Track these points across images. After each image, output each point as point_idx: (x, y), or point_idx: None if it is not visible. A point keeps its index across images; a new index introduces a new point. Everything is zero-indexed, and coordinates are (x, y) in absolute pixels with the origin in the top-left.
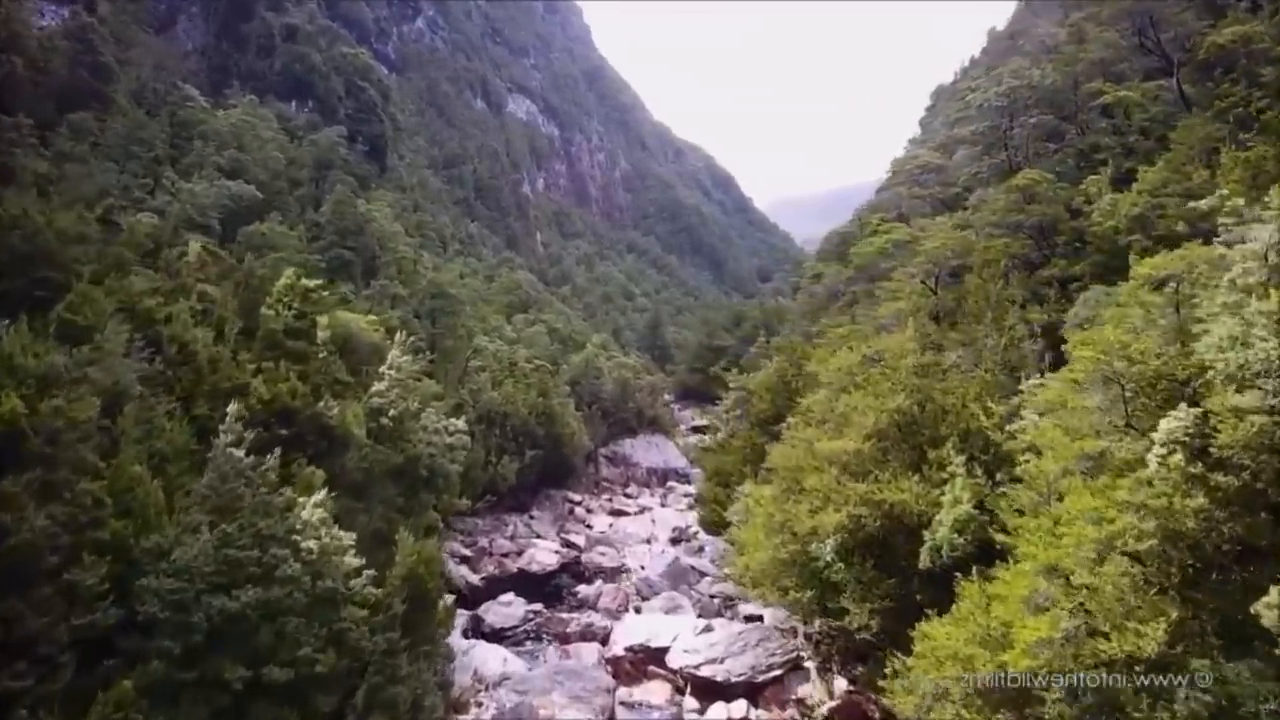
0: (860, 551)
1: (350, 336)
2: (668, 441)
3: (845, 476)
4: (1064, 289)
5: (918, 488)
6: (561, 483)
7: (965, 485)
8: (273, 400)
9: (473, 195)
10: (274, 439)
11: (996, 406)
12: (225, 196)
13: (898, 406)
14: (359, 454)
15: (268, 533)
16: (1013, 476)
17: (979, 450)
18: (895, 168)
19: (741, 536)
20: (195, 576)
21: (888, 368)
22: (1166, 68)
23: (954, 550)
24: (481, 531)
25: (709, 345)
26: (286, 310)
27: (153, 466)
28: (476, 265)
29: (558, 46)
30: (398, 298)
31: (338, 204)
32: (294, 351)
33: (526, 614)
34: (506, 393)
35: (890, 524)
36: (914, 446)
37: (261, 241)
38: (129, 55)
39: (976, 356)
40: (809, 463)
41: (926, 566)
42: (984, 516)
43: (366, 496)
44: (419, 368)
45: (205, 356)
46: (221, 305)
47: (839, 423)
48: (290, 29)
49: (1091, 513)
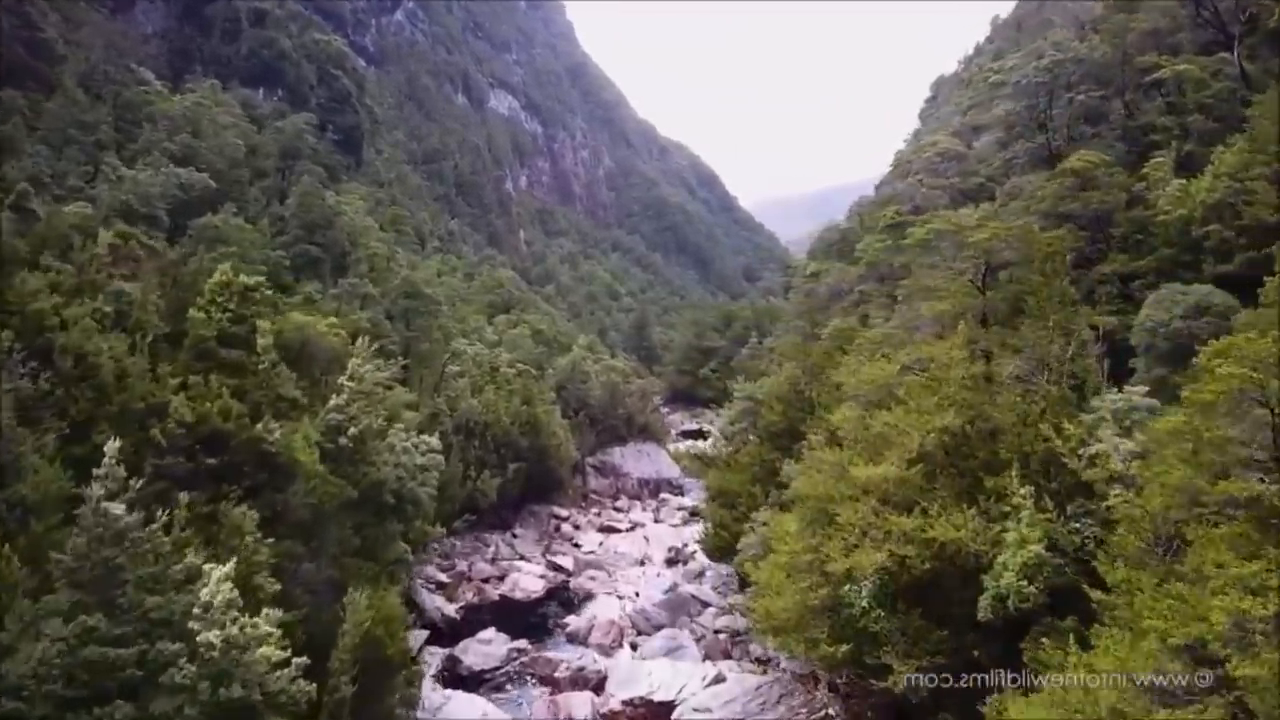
0: (905, 597)
1: (306, 342)
2: (659, 450)
3: (885, 508)
4: (1124, 287)
5: (973, 522)
6: (547, 497)
7: (1033, 520)
8: (199, 422)
9: (453, 191)
10: (197, 471)
11: (1073, 427)
12: (174, 185)
13: (945, 425)
14: (307, 486)
15: (157, 616)
16: (1085, 510)
17: (1045, 477)
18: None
19: (760, 576)
20: (35, 697)
21: (932, 379)
22: (1224, 41)
23: (1023, 600)
24: (460, 553)
25: (698, 346)
26: (220, 313)
27: (13, 522)
28: (456, 263)
29: (540, 42)
30: (368, 297)
31: (304, 196)
32: (229, 362)
33: (509, 653)
34: (487, 400)
35: (941, 565)
36: (965, 473)
37: (214, 235)
38: (78, 36)
39: (1038, 366)
40: (841, 491)
41: (987, 618)
42: (1057, 559)
43: (316, 537)
44: (389, 375)
45: (111, 370)
46: (140, 306)
47: (875, 444)
48: (258, 13)
49: (1249, 578)
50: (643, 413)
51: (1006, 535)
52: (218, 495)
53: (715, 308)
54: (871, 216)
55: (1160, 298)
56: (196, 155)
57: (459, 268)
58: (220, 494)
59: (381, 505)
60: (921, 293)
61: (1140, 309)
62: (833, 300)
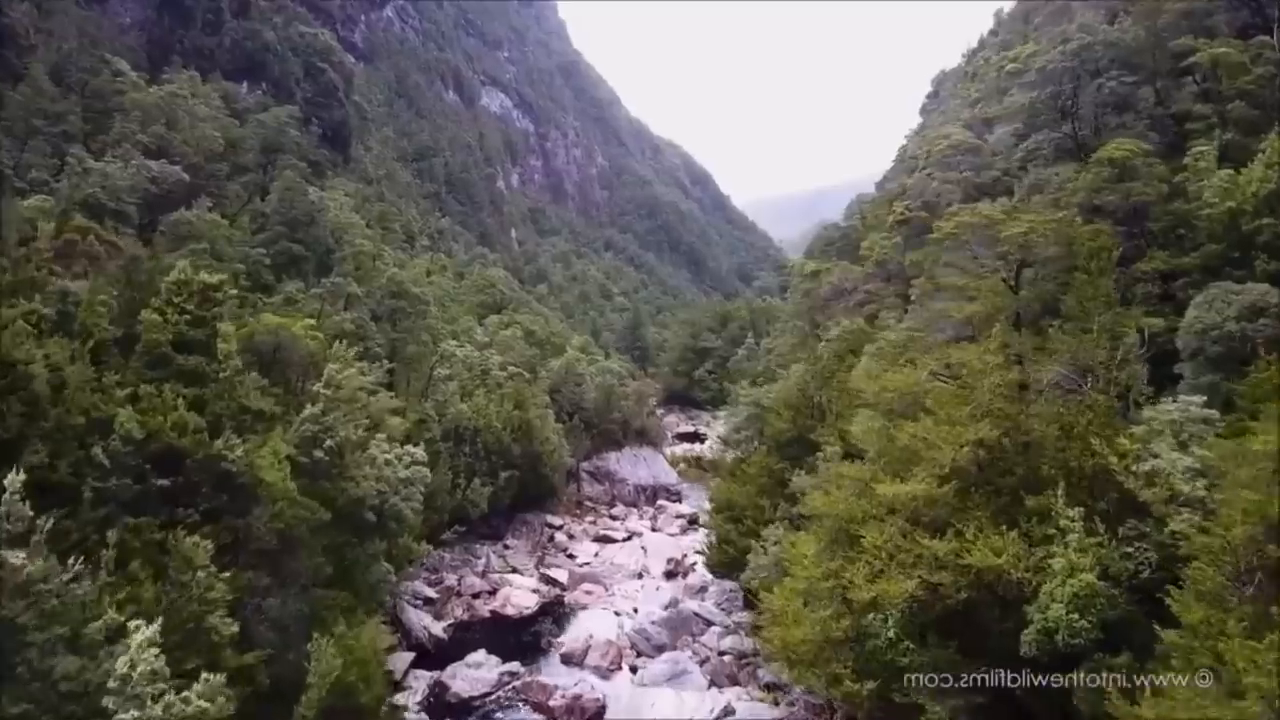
0: (937, 628)
1: (280, 346)
2: (657, 455)
3: (915, 529)
4: (1165, 286)
5: (1015, 546)
6: (540, 505)
7: (1084, 545)
8: (149, 439)
9: (444, 189)
10: (147, 494)
11: (1128, 442)
12: (145, 178)
13: (980, 438)
14: (273, 508)
15: (67, 689)
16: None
17: (1092, 495)
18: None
19: (775, 602)
20: None
21: (964, 387)
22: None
23: (1074, 635)
24: (449, 566)
25: (693, 347)
26: (178, 314)
27: None
28: (446, 262)
29: (532, 40)
30: (352, 297)
31: (285, 191)
32: (186, 370)
33: (501, 677)
34: (478, 405)
35: (978, 594)
36: (1003, 490)
37: (187, 231)
38: (50, 25)
39: (1081, 373)
40: (864, 510)
41: (1031, 655)
42: (1111, 589)
43: (284, 565)
44: (373, 379)
45: (47, 380)
46: (87, 308)
47: (901, 458)
48: (242, 4)
49: None
50: (639, 416)
51: (1052, 561)
52: (171, 521)
53: (710, 307)
54: (875, 214)
55: (1209, 297)
56: (170, 147)
57: (449, 266)
58: (174, 519)
59: (361, 523)
60: (948, 291)
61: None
62: (834, 300)
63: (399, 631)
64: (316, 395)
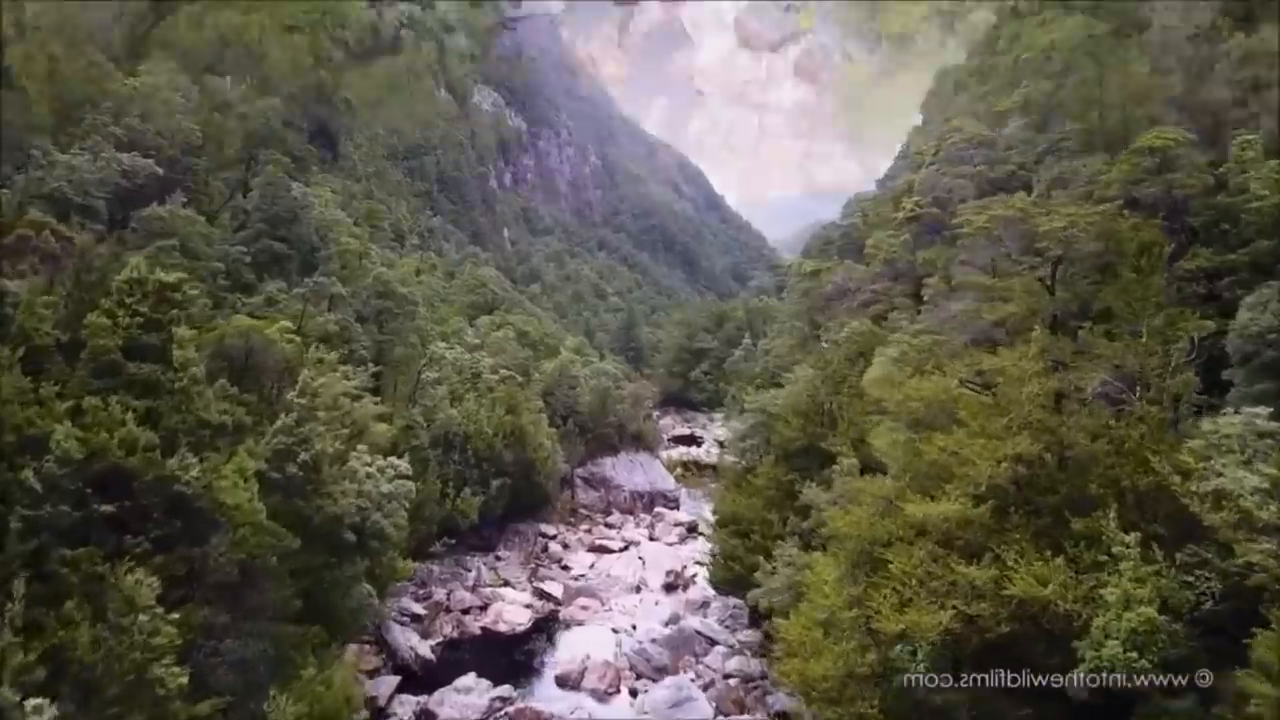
0: (974, 663)
1: (252, 351)
2: (653, 460)
3: (948, 554)
4: (1211, 285)
5: (1061, 575)
6: (533, 513)
7: (1140, 574)
8: (91, 458)
9: (435, 188)
10: (88, 522)
11: (1191, 460)
12: (116, 172)
13: (1019, 453)
14: (235, 535)
15: None
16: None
17: (1144, 518)
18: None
19: (792, 632)
20: None
21: (1000, 397)
22: None
23: (1132, 675)
24: (437, 580)
25: (689, 348)
26: (130, 317)
27: None
28: (436, 261)
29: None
30: (337, 297)
31: (267, 186)
32: (139, 380)
33: (492, 703)
34: (468, 410)
35: (1020, 627)
36: (1045, 511)
37: (160, 227)
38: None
39: (1132, 382)
40: (890, 531)
41: (1082, 698)
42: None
43: (244, 601)
44: (357, 383)
45: None
46: (26, 310)
47: (930, 474)
48: None
49: None
50: (635, 420)
51: (1104, 591)
52: (118, 551)
53: (706, 307)
54: (878, 211)
55: (1262, 299)
56: (143, 140)
57: (439, 266)
58: (120, 550)
59: (340, 543)
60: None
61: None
62: (836, 300)
63: (384, 652)
64: (291, 404)
